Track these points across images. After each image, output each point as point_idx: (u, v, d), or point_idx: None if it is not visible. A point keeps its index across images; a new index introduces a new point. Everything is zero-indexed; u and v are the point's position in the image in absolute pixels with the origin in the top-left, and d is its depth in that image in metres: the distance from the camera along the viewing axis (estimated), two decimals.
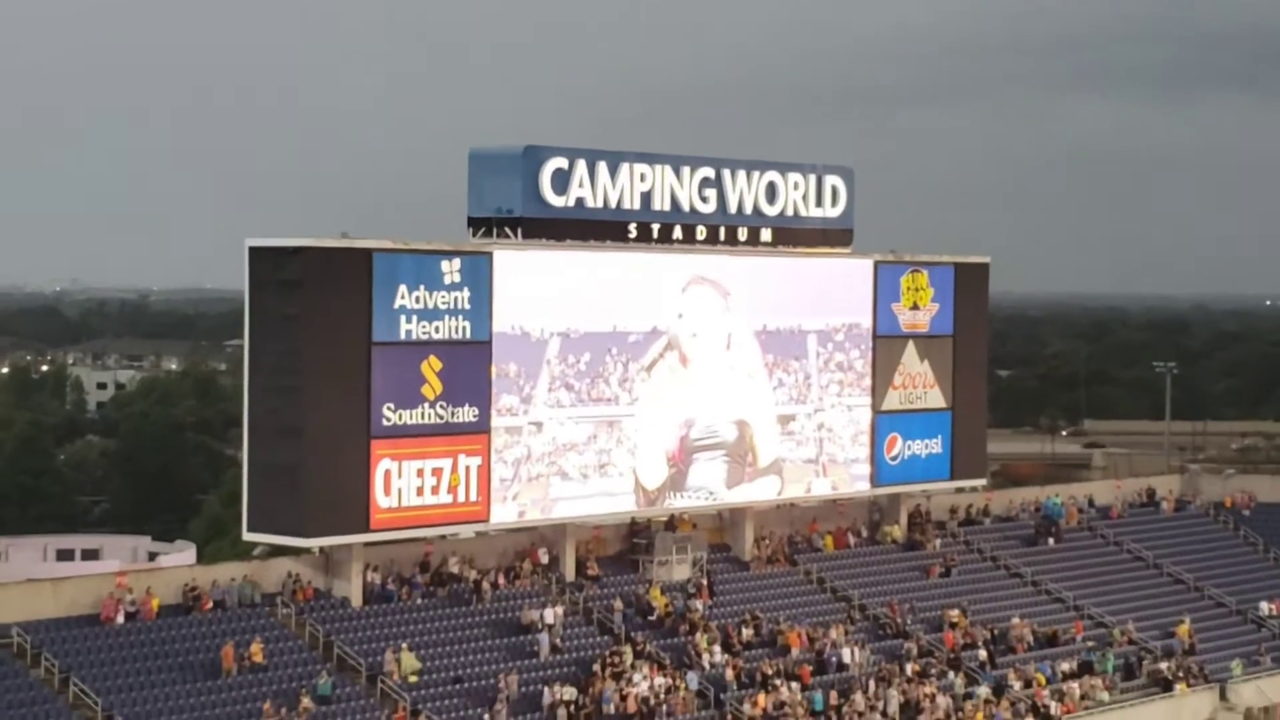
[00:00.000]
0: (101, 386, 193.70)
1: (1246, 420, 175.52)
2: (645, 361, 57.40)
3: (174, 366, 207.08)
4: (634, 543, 59.35)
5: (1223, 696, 64.09)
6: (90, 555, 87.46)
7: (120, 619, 48.68)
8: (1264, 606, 70.57)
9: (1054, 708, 58.26)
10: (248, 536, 52.43)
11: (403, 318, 51.65)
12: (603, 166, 56.10)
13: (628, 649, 54.08)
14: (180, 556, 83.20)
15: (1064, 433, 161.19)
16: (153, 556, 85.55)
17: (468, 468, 53.13)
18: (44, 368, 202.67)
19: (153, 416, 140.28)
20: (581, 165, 55.62)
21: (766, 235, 60.62)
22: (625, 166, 56.68)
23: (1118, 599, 67.93)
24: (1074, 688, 59.98)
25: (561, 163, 55.26)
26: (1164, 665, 63.51)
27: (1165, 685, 62.78)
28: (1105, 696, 60.60)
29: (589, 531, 58.28)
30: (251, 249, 51.24)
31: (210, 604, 50.24)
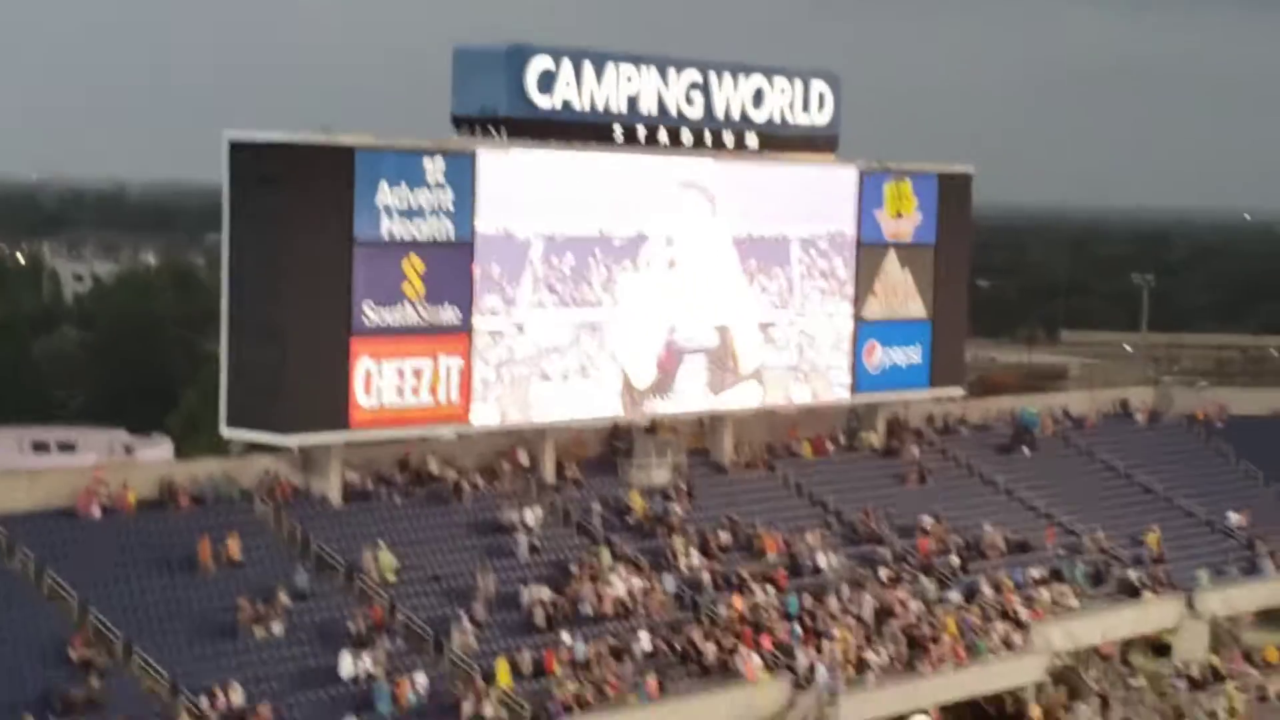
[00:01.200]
0: (78, 278, 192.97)
1: (1223, 333, 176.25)
2: (629, 265, 57.33)
3: (152, 260, 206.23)
4: (614, 446, 59.55)
5: (1189, 605, 64.74)
6: (66, 448, 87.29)
7: (96, 512, 48.77)
8: (1232, 517, 71.18)
9: (1023, 613, 58.84)
10: (226, 432, 52.38)
11: (384, 216, 51.45)
12: (588, 67, 55.74)
13: (605, 550, 54.40)
14: (157, 451, 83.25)
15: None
16: (130, 450, 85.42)
17: (449, 368, 53.15)
18: (20, 258, 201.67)
19: (130, 309, 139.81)
20: (567, 65, 55.23)
21: (752, 140, 60.42)
22: (611, 67, 56.32)
23: (1089, 508, 68.47)
24: (1043, 594, 60.56)
25: (547, 62, 54.89)
26: (1132, 573, 64.12)
27: (1133, 592, 63.41)
28: (1074, 603, 61.21)
29: (569, 434, 58.45)
30: (231, 143, 50.84)
31: (187, 499, 50.33)
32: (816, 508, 62.25)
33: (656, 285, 58.16)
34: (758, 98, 60.38)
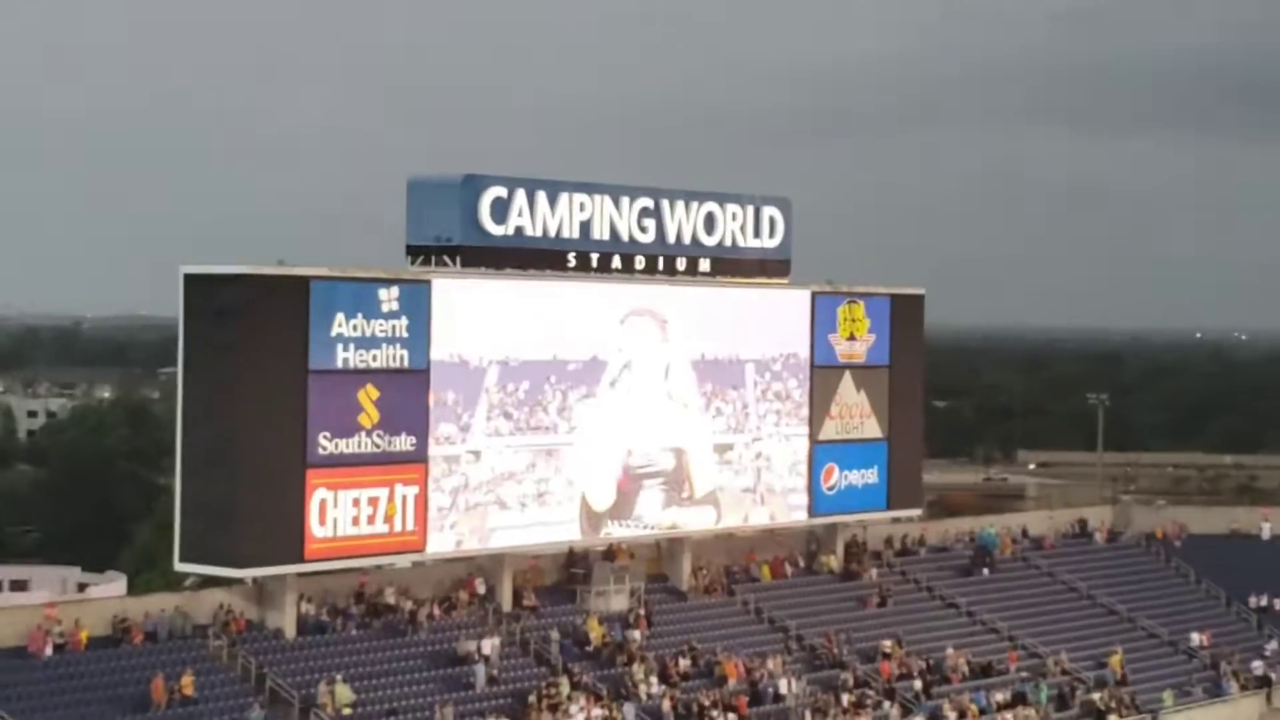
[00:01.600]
0: (32, 414, 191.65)
1: (1178, 451, 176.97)
2: (584, 391, 57.28)
3: (107, 395, 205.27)
4: (571, 573, 59.17)
5: None
6: (18, 586, 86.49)
7: (49, 651, 48.05)
8: (1195, 637, 71.02)
9: None
10: (179, 567, 51.84)
11: (340, 346, 51.35)
12: (542, 196, 56.05)
13: (564, 680, 53.83)
14: (110, 587, 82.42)
15: (989, 473, 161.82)
16: (82, 587, 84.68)
17: (404, 497, 52.84)
18: None
19: (84, 445, 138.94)
20: (521, 195, 55.55)
21: (705, 265, 60.71)
22: (565, 196, 56.65)
23: (1051, 629, 68.23)
24: (1008, 718, 60.12)
25: (501, 191, 55.18)
26: (1097, 696, 63.78)
27: (1098, 716, 63.04)
28: None
29: (526, 562, 58.06)
30: (186, 276, 50.78)
31: (140, 636, 49.66)
32: (777, 632, 61.85)
33: (612, 410, 58.08)
34: (709, 223, 60.75)
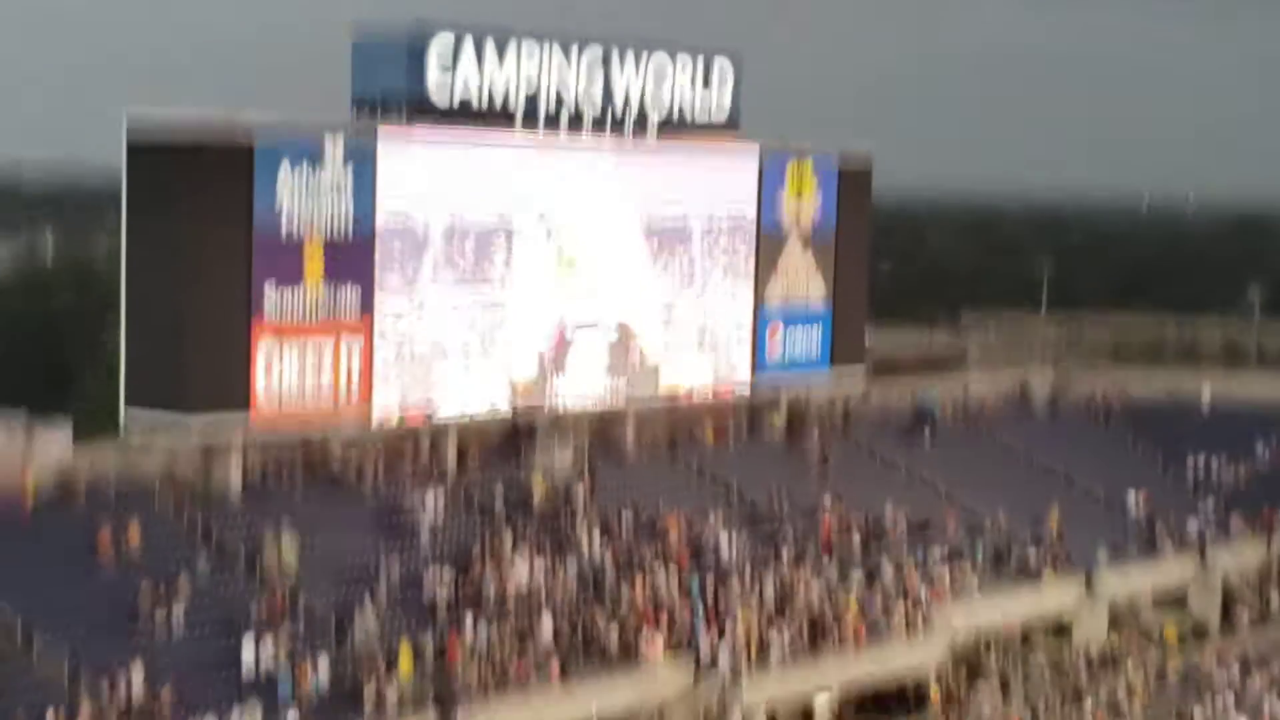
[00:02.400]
0: None
1: (1120, 315, 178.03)
2: (528, 251, 57.20)
3: (50, 250, 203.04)
4: (515, 430, 59.43)
5: (1089, 585, 65.50)
6: None
7: None
8: (1131, 496, 72.06)
9: (925, 594, 59.31)
10: (126, 411, 51.40)
11: (285, 199, 51.03)
12: (490, 46, 55.39)
13: (508, 534, 54.29)
14: (57, 434, 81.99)
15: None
16: (29, 434, 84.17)
17: (350, 350, 52.84)
18: None
19: (29, 309, 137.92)
20: (469, 44, 54.87)
21: (654, 122, 60.39)
22: (513, 46, 55.98)
23: (990, 489, 69.09)
24: (944, 574, 61.06)
25: (448, 39, 54.48)
26: (1032, 553, 64.77)
27: (1033, 573, 64.04)
28: (975, 583, 61.75)
29: (471, 420, 58.22)
30: (130, 121, 50.25)
31: (87, 490, 49.73)
32: (719, 490, 62.44)
33: (557, 270, 58.06)
34: (660, 77, 60.39)
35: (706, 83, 61.91)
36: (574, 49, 57.73)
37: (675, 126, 61.14)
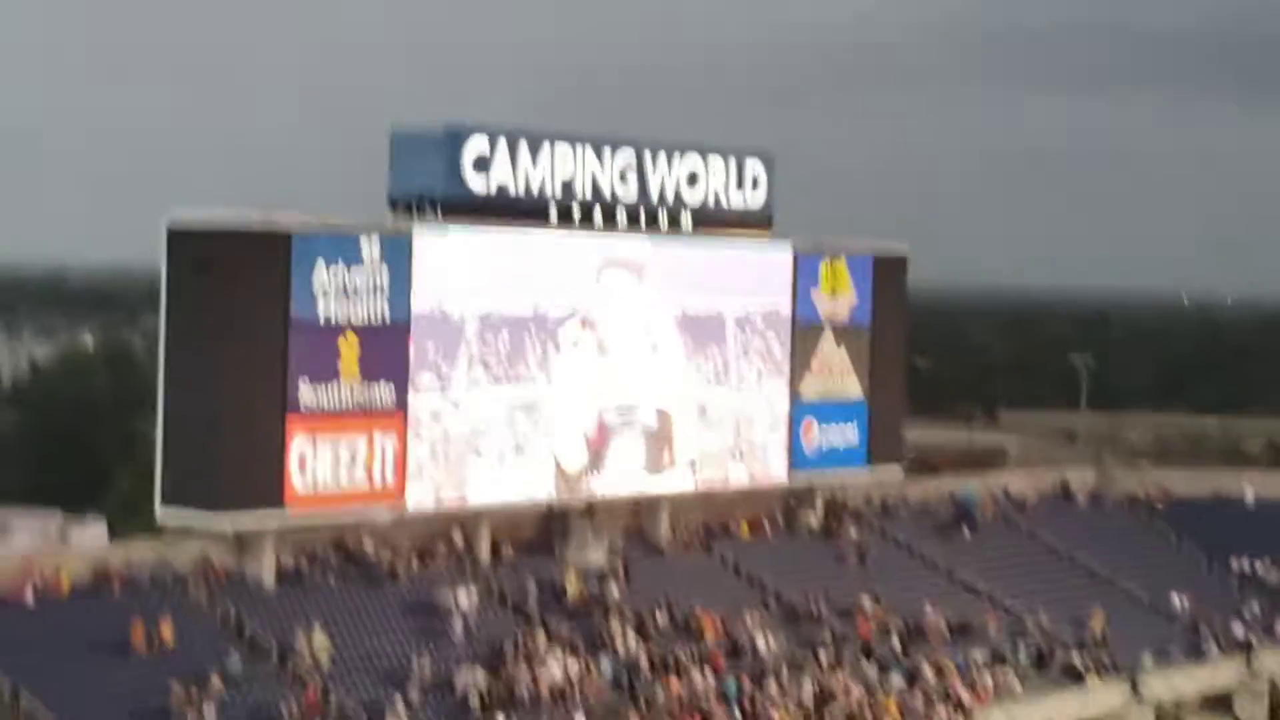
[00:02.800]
0: (16, 361, 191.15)
1: (1162, 413, 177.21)
2: (564, 344, 57.18)
3: (89, 339, 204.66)
4: (550, 527, 59.15)
5: (1134, 688, 64.60)
6: None
7: (29, 597, 48.03)
8: (1175, 599, 71.18)
9: (966, 697, 58.55)
10: (160, 510, 51.61)
11: (320, 296, 51.20)
12: (524, 147, 55.81)
13: (541, 632, 53.88)
14: (92, 533, 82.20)
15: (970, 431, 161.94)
16: (64, 533, 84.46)
17: (384, 448, 52.78)
18: None
19: (66, 390, 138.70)
20: (503, 146, 55.32)
21: (687, 219, 60.53)
22: (547, 147, 56.41)
23: (1031, 589, 68.34)
24: (986, 677, 60.29)
25: (483, 142, 54.95)
26: (1076, 656, 63.95)
27: (1077, 676, 63.20)
28: (1017, 686, 60.97)
29: (504, 515, 58.02)
30: (170, 224, 50.70)
31: (121, 583, 49.64)
32: (755, 589, 61.92)
33: (591, 364, 57.99)
34: (692, 177, 60.58)
35: (740, 183, 62.05)
36: (606, 150, 57.97)
37: (708, 224, 61.20)
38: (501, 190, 55.32)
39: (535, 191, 56.11)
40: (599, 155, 57.73)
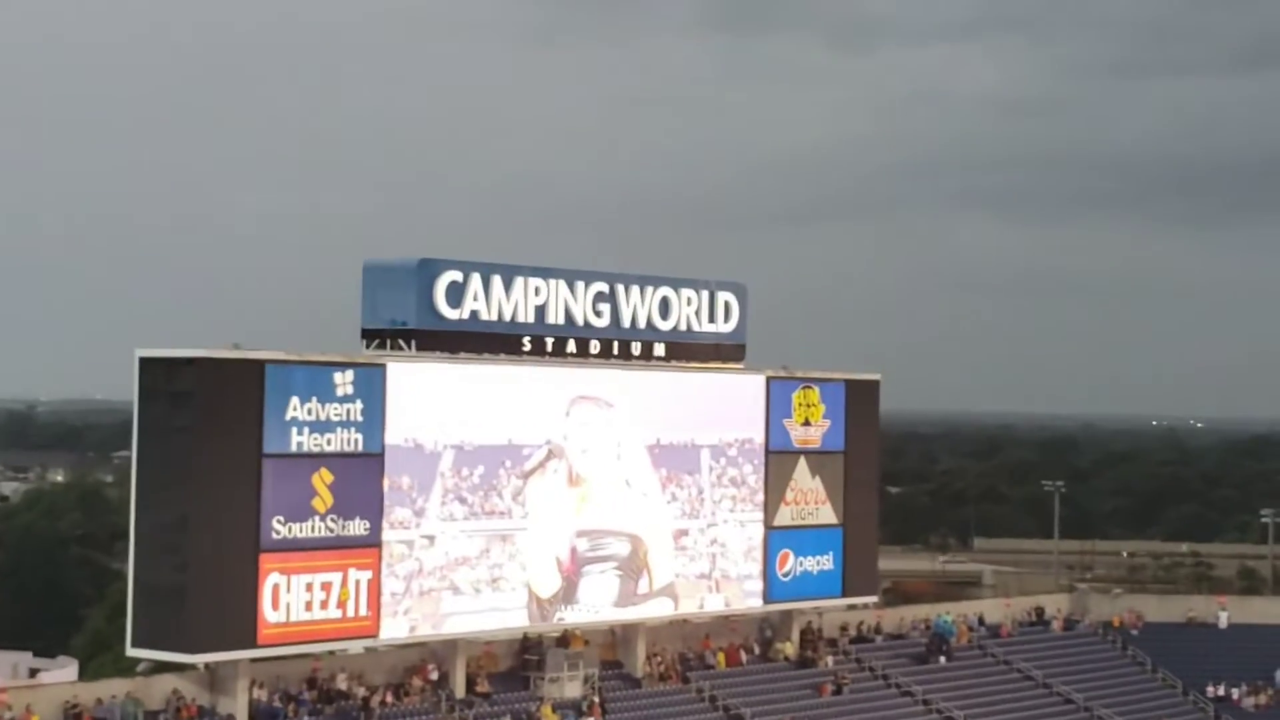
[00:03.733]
0: None
1: (1134, 539, 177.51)
2: (538, 475, 57.22)
3: (60, 478, 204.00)
4: (525, 659, 58.85)
5: None
6: None
7: None
8: None
9: None
10: (131, 652, 51.39)
11: (294, 429, 51.25)
12: (497, 280, 56.23)
13: None
14: (62, 673, 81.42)
15: (942, 559, 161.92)
16: (34, 673, 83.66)
17: (358, 582, 52.57)
18: None
19: (36, 529, 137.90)
20: (476, 279, 55.73)
21: (660, 350, 60.92)
22: (520, 280, 56.83)
23: (1008, 718, 68.05)
24: None
25: (456, 275, 55.34)
26: None
27: None
28: None
29: (480, 648, 57.75)
30: (141, 359, 50.70)
31: None
32: (732, 719, 61.56)
33: (566, 495, 58.02)
34: (664, 308, 61.03)
35: (711, 315, 62.55)
36: (579, 283, 58.42)
37: (681, 355, 61.59)
38: (474, 322, 55.61)
39: (508, 323, 56.43)
40: (571, 287, 58.18)
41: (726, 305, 63.14)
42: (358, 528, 52.57)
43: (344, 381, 52.45)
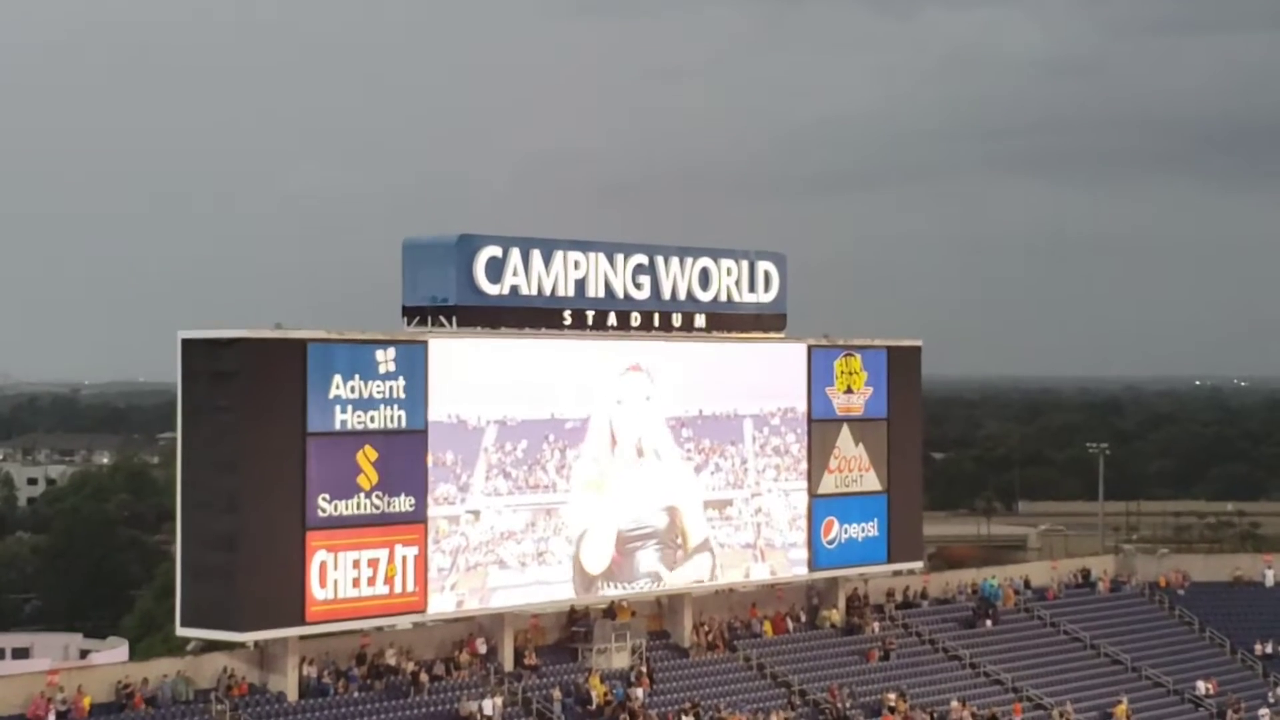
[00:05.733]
0: (32, 482, 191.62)
1: (1179, 500, 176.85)
2: (581, 449, 57.34)
3: (106, 460, 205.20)
4: (573, 631, 59.06)
5: None
6: (21, 654, 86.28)
7: (52, 718, 47.94)
8: (1200, 686, 70.79)
9: None
10: (181, 632, 51.83)
11: (338, 408, 51.45)
12: (536, 255, 56.27)
13: None
14: (113, 653, 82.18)
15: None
16: (85, 654, 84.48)
17: (404, 558, 52.82)
18: None
19: (84, 512, 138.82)
20: (515, 254, 55.79)
21: (700, 321, 60.90)
22: (559, 254, 56.87)
23: (1056, 680, 68.03)
24: None
25: (495, 251, 55.42)
26: None
27: None
28: None
29: (527, 620, 57.97)
30: (184, 341, 50.97)
31: (143, 702, 49.56)
32: (780, 688, 61.68)
33: (609, 467, 58.10)
34: (704, 279, 60.99)
35: (752, 284, 62.46)
36: (618, 256, 58.42)
37: (722, 325, 61.57)
38: (514, 297, 55.71)
39: (548, 297, 56.51)
40: (611, 260, 58.18)
41: (766, 275, 63.05)
42: (403, 504, 52.79)
43: (386, 359, 52.63)
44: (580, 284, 57.41)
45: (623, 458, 58.55)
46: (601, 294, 57.96)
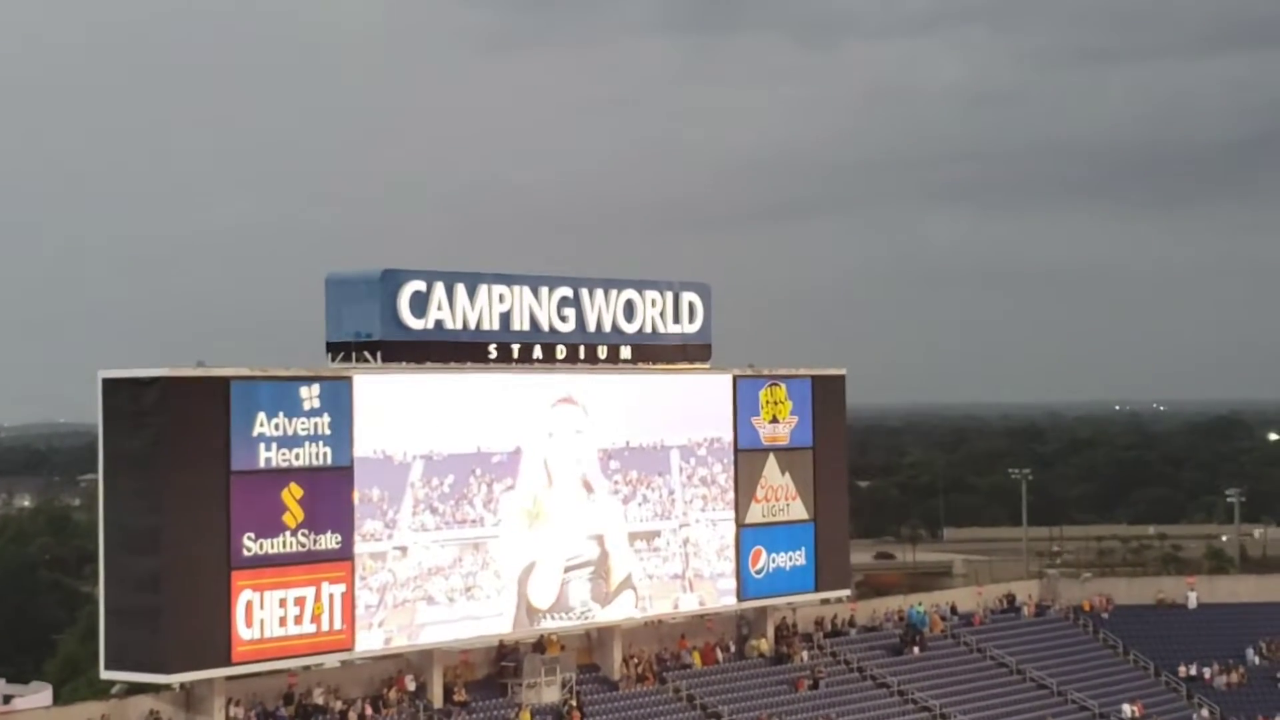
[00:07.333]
0: None
1: (1102, 524, 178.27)
2: (509, 483, 57.23)
3: (26, 503, 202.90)
4: (502, 666, 58.84)
5: None
6: None
7: None
8: (1126, 709, 71.35)
9: None
10: (105, 675, 51.19)
11: (262, 445, 51.13)
12: (461, 289, 56.21)
13: None
14: (37, 698, 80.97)
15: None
16: (8, 699, 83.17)
17: (331, 595, 52.49)
18: None
19: (5, 555, 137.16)
20: (440, 288, 55.69)
21: (626, 353, 61.00)
22: (484, 288, 56.81)
23: (983, 706, 68.40)
24: None
25: (420, 285, 55.29)
26: None
27: None
28: None
29: (456, 657, 57.72)
30: (105, 380, 50.49)
31: None
32: (710, 719, 61.65)
33: (537, 501, 58.01)
34: (629, 310, 61.11)
35: (676, 316, 62.66)
36: (543, 289, 58.46)
37: (647, 356, 61.68)
38: (439, 331, 55.58)
39: (473, 331, 56.44)
40: (535, 293, 58.21)
41: (691, 306, 63.25)
42: (329, 541, 52.49)
43: (310, 395, 52.37)
44: (505, 317, 57.38)
45: (558, 490, 58.50)
46: (527, 327, 57.96)
